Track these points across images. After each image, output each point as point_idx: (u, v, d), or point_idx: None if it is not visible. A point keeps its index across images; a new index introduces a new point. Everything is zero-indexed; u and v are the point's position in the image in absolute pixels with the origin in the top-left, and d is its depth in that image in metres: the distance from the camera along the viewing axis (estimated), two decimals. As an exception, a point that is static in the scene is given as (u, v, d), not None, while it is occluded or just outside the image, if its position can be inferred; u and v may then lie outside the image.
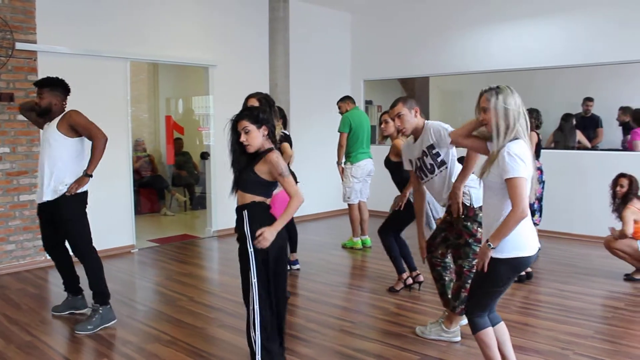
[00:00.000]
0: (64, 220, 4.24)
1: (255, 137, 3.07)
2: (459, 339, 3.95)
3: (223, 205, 7.49)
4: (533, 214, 5.98)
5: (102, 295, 4.32)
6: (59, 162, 4.20)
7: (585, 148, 7.76)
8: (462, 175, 3.68)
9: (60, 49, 6.04)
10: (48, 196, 4.21)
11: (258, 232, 2.98)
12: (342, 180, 6.83)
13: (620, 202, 5.52)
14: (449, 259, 4.03)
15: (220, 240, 7.49)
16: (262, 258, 3.06)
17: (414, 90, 10.77)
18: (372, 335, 4.10)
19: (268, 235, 2.97)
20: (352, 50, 9.75)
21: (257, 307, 3.05)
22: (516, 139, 2.79)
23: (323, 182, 8.64)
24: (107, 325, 4.25)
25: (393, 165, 5.15)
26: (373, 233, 6.94)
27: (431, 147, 3.76)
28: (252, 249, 3.05)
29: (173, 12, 7.13)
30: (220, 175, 7.54)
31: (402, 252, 5.11)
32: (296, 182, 3.25)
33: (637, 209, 5.38)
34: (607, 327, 4.23)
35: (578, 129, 7.83)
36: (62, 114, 4.25)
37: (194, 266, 6.22)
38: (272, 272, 3.11)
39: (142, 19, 6.78)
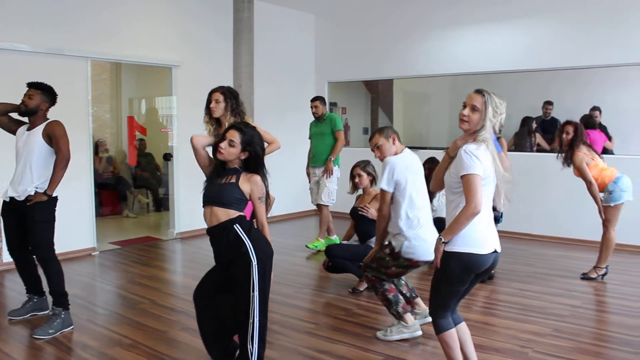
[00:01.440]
0: (33, 221, 4.17)
1: (235, 153, 3.12)
2: (420, 332, 4.04)
3: (186, 207, 7.41)
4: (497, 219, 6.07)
5: (64, 298, 4.25)
6: (36, 167, 4.20)
7: (545, 150, 7.95)
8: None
9: (20, 46, 5.89)
10: (22, 197, 4.20)
11: None
12: (327, 178, 6.85)
13: (567, 149, 5.49)
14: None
15: (184, 242, 7.42)
16: (261, 270, 3.10)
17: (378, 92, 10.87)
18: (335, 336, 4.11)
19: None
20: (316, 52, 9.77)
21: (257, 319, 3.09)
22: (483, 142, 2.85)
23: (287, 184, 8.62)
24: (66, 330, 4.17)
25: (360, 216, 5.22)
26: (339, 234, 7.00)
27: None
28: (255, 262, 3.07)
29: (136, 12, 7.03)
30: (183, 176, 7.47)
31: None
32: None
33: (585, 153, 5.42)
34: (565, 325, 4.33)
35: (538, 132, 8.01)
36: (47, 122, 4.26)
37: (156, 269, 6.14)
38: (268, 281, 3.16)
39: (105, 18, 6.66)
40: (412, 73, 8.74)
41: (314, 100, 7.07)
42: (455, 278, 2.91)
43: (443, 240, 2.84)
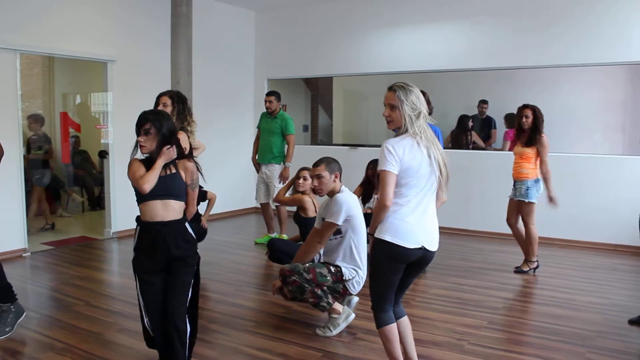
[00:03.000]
0: None
1: (153, 142, 3.05)
2: (353, 315, 4.15)
3: (122, 205, 7.22)
4: None
5: (8, 292, 4.13)
6: None
7: (481, 148, 8.18)
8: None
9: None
10: None
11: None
12: (281, 183, 6.88)
13: (533, 131, 5.54)
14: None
15: (120, 242, 7.23)
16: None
17: (318, 89, 10.91)
18: (275, 334, 4.10)
19: None
20: (256, 49, 9.70)
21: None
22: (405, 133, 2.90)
23: (227, 180, 8.54)
24: (21, 319, 4.12)
25: (303, 221, 5.23)
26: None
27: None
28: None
29: (70, 2, 6.76)
30: (119, 174, 7.26)
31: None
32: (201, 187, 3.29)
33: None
34: (499, 317, 4.48)
35: (474, 130, 8.23)
36: None
37: (91, 269, 5.96)
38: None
39: (35, 9, 6.36)
40: (351, 71, 8.81)
41: (269, 94, 7.05)
42: (384, 266, 2.95)
43: (368, 231, 3.01)
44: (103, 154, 7.48)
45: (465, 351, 3.78)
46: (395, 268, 2.96)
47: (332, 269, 4.05)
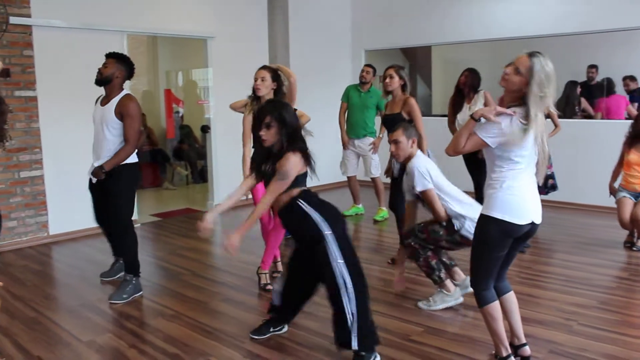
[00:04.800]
0: (111, 193, 4.29)
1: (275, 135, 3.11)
2: (462, 299, 4.02)
3: (225, 178, 7.45)
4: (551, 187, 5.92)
5: (135, 267, 4.43)
6: (107, 144, 4.26)
7: (590, 117, 7.69)
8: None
9: (55, 22, 5.94)
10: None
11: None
12: (374, 152, 6.89)
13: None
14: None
15: (223, 214, 7.45)
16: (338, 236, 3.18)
17: (416, 59, 10.64)
18: (375, 307, 4.05)
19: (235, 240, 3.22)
20: (352, 20, 9.59)
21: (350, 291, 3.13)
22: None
23: (325, 154, 8.56)
24: (137, 295, 4.39)
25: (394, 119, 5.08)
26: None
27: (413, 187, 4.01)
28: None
29: (170, -17, 6.99)
30: (221, 148, 7.49)
31: None
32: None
33: None
34: (611, 297, 4.22)
35: (582, 97, 7.74)
36: (120, 96, 4.26)
37: (196, 240, 6.21)
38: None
39: (139, -9, 6.64)
40: (451, 39, 8.50)
41: (368, 65, 6.97)
42: (491, 244, 2.85)
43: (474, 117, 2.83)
44: (205, 129, 7.73)
45: (574, 332, 3.59)
46: (503, 244, 2.86)
47: (444, 223, 3.97)
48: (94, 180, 4.34)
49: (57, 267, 5.37)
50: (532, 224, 2.85)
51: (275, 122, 3.09)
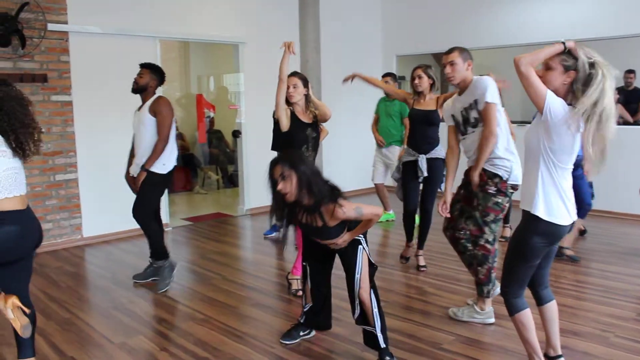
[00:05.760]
0: (138, 191, 4.65)
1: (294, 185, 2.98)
2: (492, 320, 3.86)
3: (256, 183, 7.46)
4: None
5: (164, 251, 4.74)
6: (144, 142, 4.60)
7: (627, 123, 7.51)
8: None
9: (91, 28, 6.05)
10: (135, 172, 4.66)
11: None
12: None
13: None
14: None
15: (254, 219, 7.50)
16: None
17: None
18: (405, 314, 4.04)
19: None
20: (383, 25, 9.55)
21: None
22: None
23: (354, 160, 8.54)
24: (175, 270, 4.76)
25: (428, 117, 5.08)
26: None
27: (476, 102, 3.71)
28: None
29: (203, -11, 7.06)
30: (252, 153, 7.52)
31: None
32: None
33: None
34: (650, 309, 4.10)
35: (619, 103, 7.56)
36: (153, 98, 4.64)
37: (227, 244, 6.25)
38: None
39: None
40: (484, 44, 8.39)
41: (386, 75, 6.94)
42: (531, 248, 2.74)
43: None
44: (236, 134, 7.77)
45: (611, 344, 3.49)
46: (543, 249, 2.78)
47: (495, 181, 3.65)
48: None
49: (90, 269, 5.45)
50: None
51: (289, 171, 2.96)
